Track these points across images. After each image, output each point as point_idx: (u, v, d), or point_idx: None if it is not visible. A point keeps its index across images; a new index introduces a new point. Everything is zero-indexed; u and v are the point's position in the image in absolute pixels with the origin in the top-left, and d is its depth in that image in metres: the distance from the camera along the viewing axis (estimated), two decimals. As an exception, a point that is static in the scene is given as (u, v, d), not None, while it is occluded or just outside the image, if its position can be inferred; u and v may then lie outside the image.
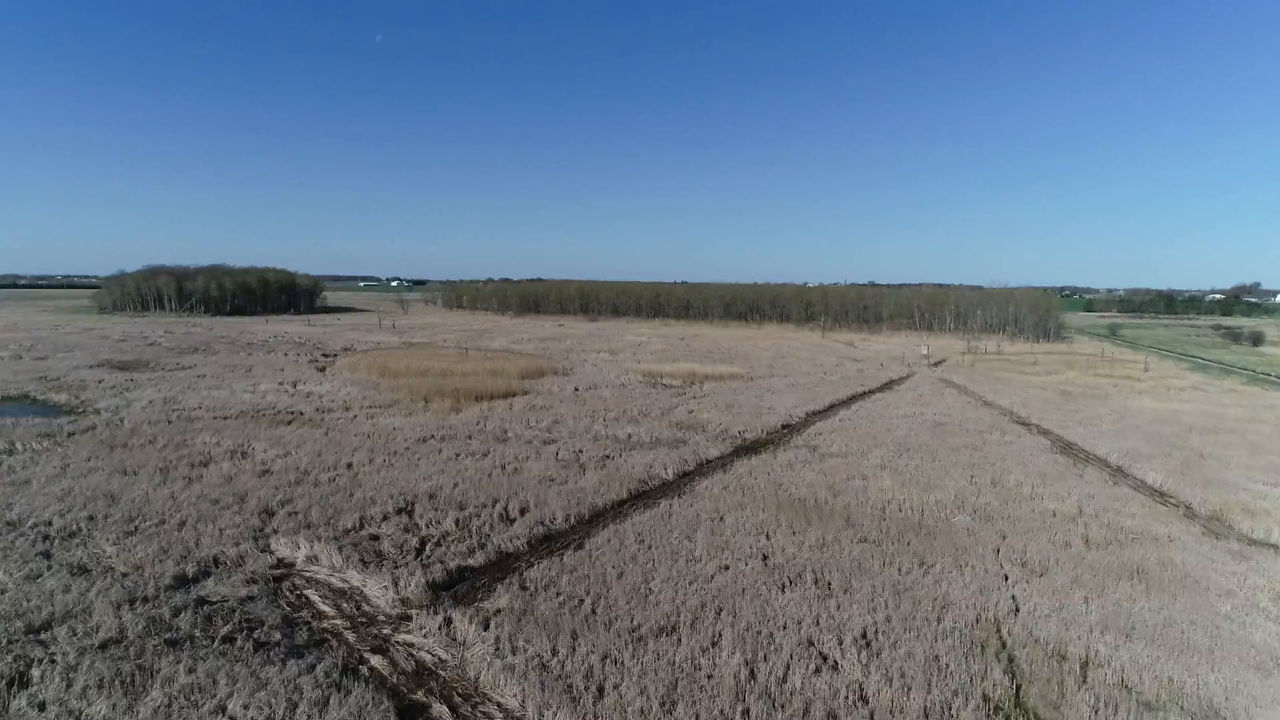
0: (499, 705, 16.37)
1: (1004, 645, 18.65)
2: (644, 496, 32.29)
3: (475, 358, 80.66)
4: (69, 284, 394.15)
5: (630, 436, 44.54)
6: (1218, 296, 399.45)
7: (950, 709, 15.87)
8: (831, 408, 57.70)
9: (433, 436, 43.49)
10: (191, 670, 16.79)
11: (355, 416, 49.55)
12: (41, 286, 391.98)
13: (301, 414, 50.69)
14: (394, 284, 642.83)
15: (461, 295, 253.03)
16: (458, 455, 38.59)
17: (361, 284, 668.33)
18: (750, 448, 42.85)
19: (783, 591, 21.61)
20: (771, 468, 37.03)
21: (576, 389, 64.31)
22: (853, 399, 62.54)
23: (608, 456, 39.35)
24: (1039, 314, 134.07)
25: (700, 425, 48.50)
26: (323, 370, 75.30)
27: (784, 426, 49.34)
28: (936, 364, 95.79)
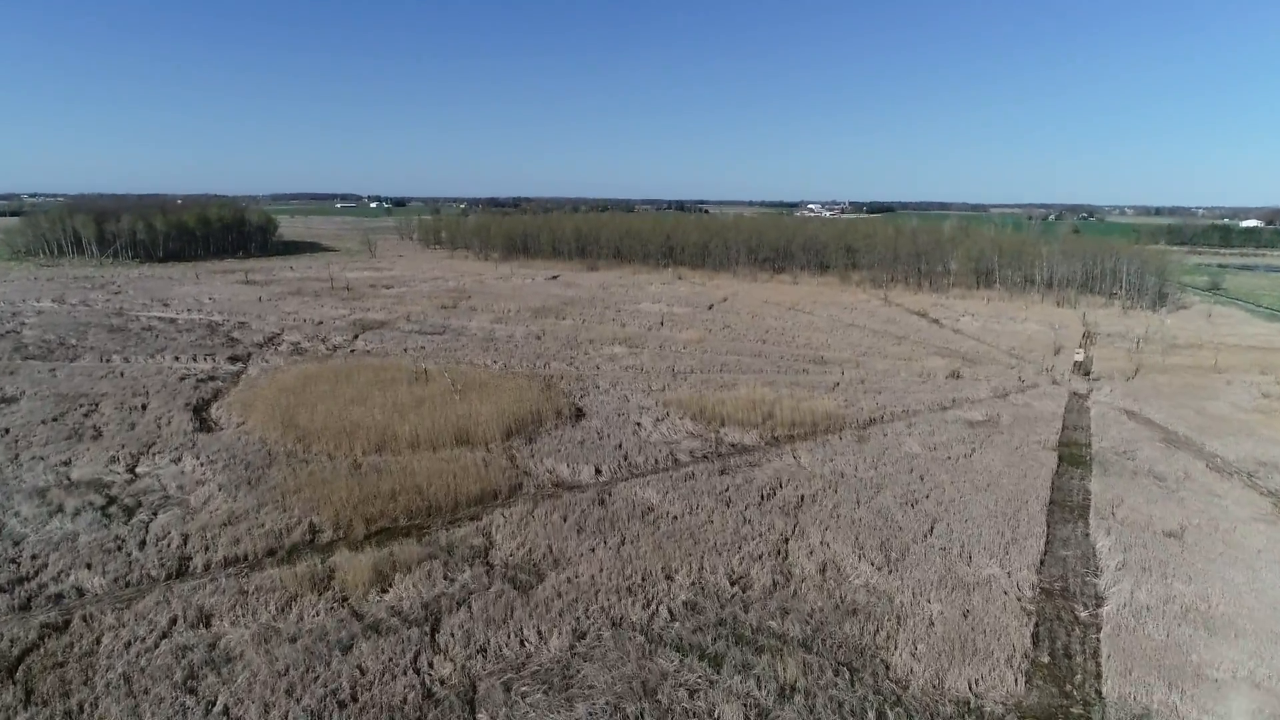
0: None
1: None
2: None
3: (438, 384, 54.53)
4: (15, 210, 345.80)
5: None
6: (1255, 223, 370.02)
7: None
8: (1053, 533, 32.91)
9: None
10: None
11: (175, 619, 24.37)
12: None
13: (62, 629, 25.25)
14: (374, 205, 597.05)
15: (440, 230, 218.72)
16: None
17: (339, 204, 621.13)
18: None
19: None
20: None
21: (598, 472, 39.18)
22: (1059, 491, 37.62)
23: None
24: (1155, 272, 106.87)
25: (875, 653, 23.76)
26: (206, 408, 49.46)
27: (1053, 663, 24.50)
28: (1078, 362, 70.25)
